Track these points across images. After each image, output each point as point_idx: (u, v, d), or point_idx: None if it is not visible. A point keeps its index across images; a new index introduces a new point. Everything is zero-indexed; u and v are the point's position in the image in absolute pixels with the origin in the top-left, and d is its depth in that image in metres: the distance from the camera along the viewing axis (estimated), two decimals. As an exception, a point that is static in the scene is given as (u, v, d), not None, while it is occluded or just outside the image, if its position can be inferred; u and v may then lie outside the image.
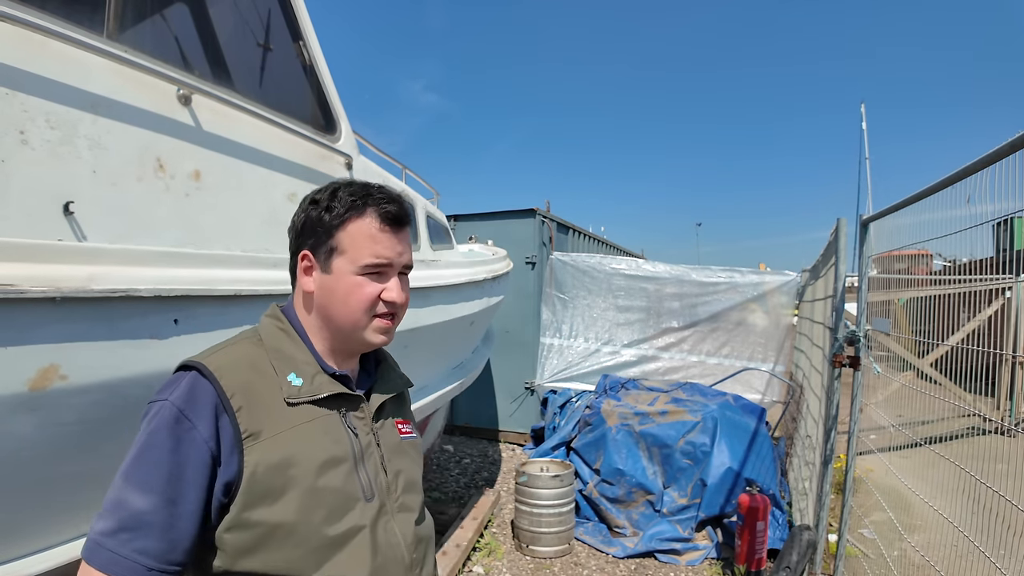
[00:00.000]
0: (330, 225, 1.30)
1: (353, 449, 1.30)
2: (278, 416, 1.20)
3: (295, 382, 1.26)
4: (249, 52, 2.70)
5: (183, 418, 1.11)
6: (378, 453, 1.36)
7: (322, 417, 1.27)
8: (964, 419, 3.01)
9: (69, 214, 1.74)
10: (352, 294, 1.30)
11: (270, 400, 1.21)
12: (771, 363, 8.59)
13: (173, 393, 1.14)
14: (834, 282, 4.29)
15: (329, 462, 1.23)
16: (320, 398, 1.27)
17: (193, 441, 1.10)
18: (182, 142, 2.13)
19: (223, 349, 1.25)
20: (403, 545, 1.34)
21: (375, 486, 1.32)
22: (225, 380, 1.16)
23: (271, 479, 1.15)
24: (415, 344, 3.75)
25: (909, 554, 3.24)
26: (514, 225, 8.97)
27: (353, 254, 1.29)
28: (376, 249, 1.30)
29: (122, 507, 1.05)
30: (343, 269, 1.30)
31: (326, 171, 2.93)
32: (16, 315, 1.48)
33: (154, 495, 1.06)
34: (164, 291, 1.81)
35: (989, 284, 3.80)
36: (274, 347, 1.29)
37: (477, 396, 9.00)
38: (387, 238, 1.32)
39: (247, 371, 1.21)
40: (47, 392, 1.57)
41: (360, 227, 1.30)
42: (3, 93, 1.60)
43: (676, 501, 5.72)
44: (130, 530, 1.04)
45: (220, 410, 1.14)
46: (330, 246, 1.30)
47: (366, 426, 1.36)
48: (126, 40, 2.01)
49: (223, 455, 1.13)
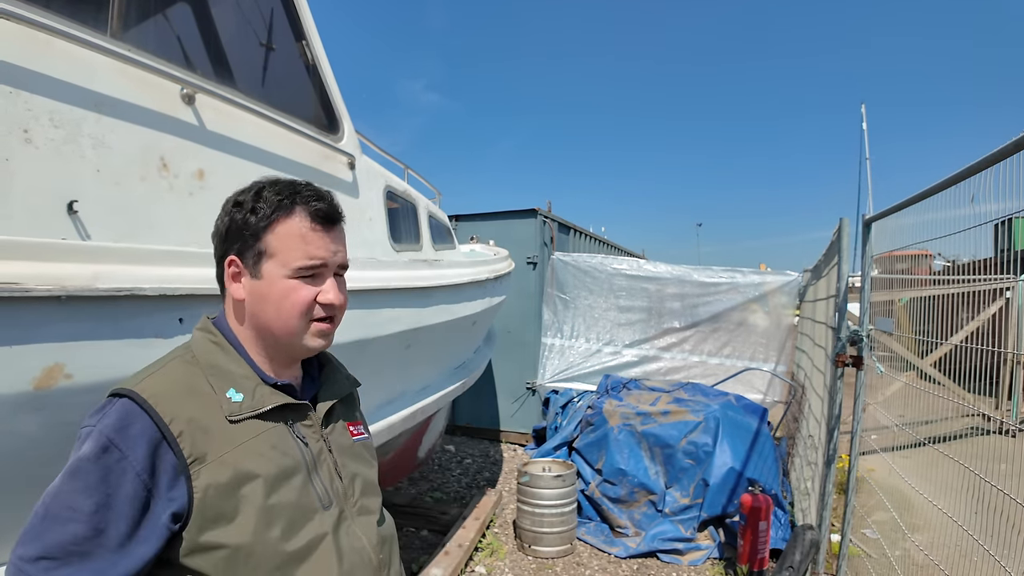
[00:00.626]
0: (256, 227, 1.24)
1: (304, 459, 1.26)
2: (222, 436, 1.16)
3: (235, 398, 1.21)
4: (252, 52, 2.70)
5: (112, 447, 1.05)
6: (331, 459, 1.33)
7: (268, 431, 1.22)
8: (965, 419, 3.02)
9: (73, 213, 1.74)
10: (286, 299, 1.24)
11: (211, 421, 1.16)
12: (772, 363, 8.59)
13: (103, 420, 1.08)
14: (836, 282, 4.28)
15: (280, 476, 1.19)
16: (264, 411, 1.23)
17: (123, 472, 1.05)
18: (185, 141, 2.14)
19: (156, 372, 1.19)
20: (368, 548, 1.33)
21: (331, 493, 1.29)
22: (161, 407, 1.11)
23: (222, 502, 1.11)
24: (418, 344, 3.75)
25: (912, 553, 3.24)
26: (515, 225, 8.97)
27: (284, 257, 1.23)
28: (308, 250, 1.25)
29: (46, 534, 1.01)
30: (274, 273, 1.24)
31: (329, 171, 2.93)
32: (21, 314, 1.47)
33: (79, 524, 1.01)
34: (168, 290, 1.81)
35: (989, 284, 3.81)
36: (209, 363, 1.23)
37: (478, 396, 8.99)
38: (319, 237, 1.27)
39: (184, 394, 1.16)
40: (52, 391, 1.56)
41: (289, 227, 1.24)
42: (7, 92, 1.60)
43: (678, 501, 5.71)
44: (53, 558, 1.00)
45: (158, 440, 1.09)
46: (258, 249, 1.24)
47: (315, 433, 1.32)
48: (130, 39, 2.01)
49: (161, 486, 1.08)
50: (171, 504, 1.08)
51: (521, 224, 8.96)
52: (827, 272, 5.24)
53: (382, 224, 3.53)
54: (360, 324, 2.92)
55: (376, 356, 3.17)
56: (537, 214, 8.85)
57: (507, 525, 6.05)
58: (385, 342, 3.25)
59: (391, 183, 3.87)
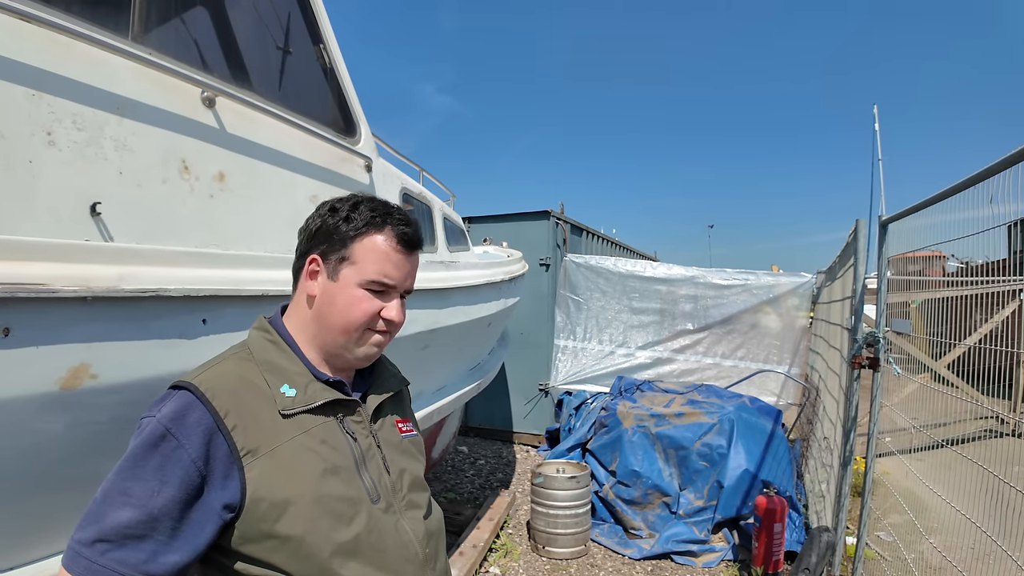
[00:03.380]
0: (346, 235, 1.33)
1: (353, 454, 1.31)
2: (274, 430, 1.21)
3: (288, 393, 1.26)
4: (270, 55, 2.72)
5: (170, 436, 1.10)
6: (379, 455, 1.38)
7: (319, 426, 1.27)
8: (980, 421, 2.99)
9: (96, 215, 1.75)
10: (353, 306, 1.32)
11: (265, 414, 1.21)
12: (786, 365, 8.56)
13: (162, 410, 1.14)
14: (852, 283, 4.26)
15: (330, 470, 1.24)
16: (315, 406, 1.28)
17: (179, 460, 1.10)
18: (206, 144, 2.14)
19: (213, 367, 1.25)
20: (415, 542, 1.36)
21: (379, 488, 1.33)
22: (217, 399, 1.16)
23: (273, 494, 1.16)
24: (435, 345, 3.76)
25: (927, 556, 3.22)
26: (528, 227, 8.98)
27: (363, 267, 1.32)
28: (386, 268, 1.34)
29: (103, 519, 1.05)
30: (349, 280, 1.32)
31: (347, 173, 2.94)
32: (48, 314, 1.49)
33: (135, 509, 1.05)
34: (193, 291, 1.82)
35: (1003, 286, 3.78)
36: (264, 360, 1.29)
37: (492, 397, 8.99)
38: (399, 259, 1.36)
39: (239, 387, 1.22)
40: (77, 391, 1.58)
41: (375, 242, 1.34)
42: (31, 94, 1.61)
43: (692, 503, 5.70)
44: (109, 541, 1.04)
45: (213, 430, 1.14)
46: (342, 255, 1.33)
47: (365, 429, 1.37)
48: (151, 43, 2.02)
49: (215, 475, 1.13)
50: (224, 493, 1.13)
51: (534, 226, 8.97)
52: (842, 274, 5.22)
53: (398, 226, 3.53)
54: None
55: (394, 356, 3.18)
56: (550, 216, 8.86)
57: (521, 526, 6.06)
58: (403, 343, 3.26)
59: (407, 185, 3.89)
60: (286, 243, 2.46)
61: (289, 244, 2.47)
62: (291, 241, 2.46)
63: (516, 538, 5.81)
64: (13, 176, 1.55)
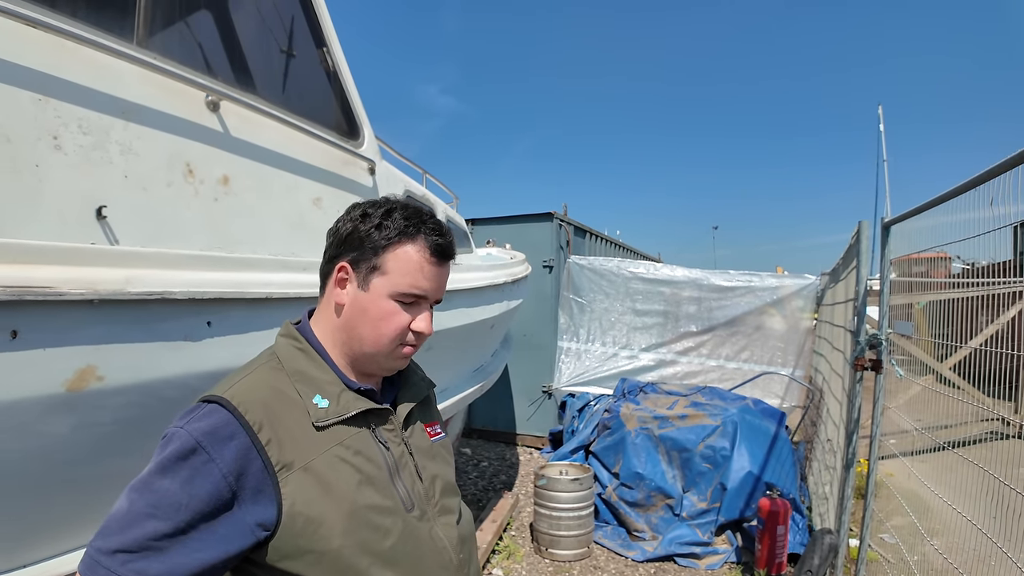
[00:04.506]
0: (378, 243, 1.28)
1: (387, 463, 1.28)
2: (308, 442, 1.18)
3: (321, 404, 1.23)
4: (274, 58, 2.73)
5: (201, 450, 1.07)
6: (412, 462, 1.35)
7: (353, 436, 1.24)
8: (984, 423, 2.99)
9: (102, 218, 1.77)
10: (384, 320, 1.28)
11: (298, 427, 1.19)
12: (790, 367, 8.55)
13: (193, 423, 1.10)
14: (855, 285, 4.26)
15: (365, 481, 1.22)
16: (348, 417, 1.25)
17: (209, 474, 1.07)
18: (211, 148, 2.16)
19: (244, 379, 1.21)
20: (449, 548, 1.34)
21: (413, 496, 1.31)
22: (250, 414, 1.13)
23: (310, 509, 1.13)
24: (438, 347, 3.77)
25: (930, 558, 3.22)
26: (532, 229, 8.99)
27: (395, 278, 1.27)
28: (418, 279, 1.29)
29: (126, 529, 1.02)
30: (380, 291, 1.28)
31: (350, 176, 2.95)
32: (54, 317, 1.50)
33: (160, 522, 1.03)
34: (198, 294, 1.84)
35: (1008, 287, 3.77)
36: (295, 369, 1.26)
37: (495, 399, 9.00)
38: (432, 271, 1.31)
39: (271, 400, 1.19)
40: (84, 393, 1.59)
41: (409, 253, 1.29)
42: (37, 99, 1.63)
43: (696, 505, 5.69)
44: (130, 552, 1.01)
45: (248, 446, 1.11)
46: (373, 264, 1.28)
47: (396, 437, 1.34)
48: (155, 47, 2.04)
49: (247, 491, 1.10)
50: (258, 509, 1.11)
51: (537, 228, 8.97)
52: (845, 275, 5.21)
53: (401, 228, 3.54)
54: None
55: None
56: (553, 218, 8.86)
57: (524, 528, 6.06)
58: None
59: (410, 187, 3.90)
60: (290, 246, 2.48)
61: (293, 247, 2.51)
62: (295, 243, 2.49)
63: (519, 540, 5.82)
64: (20, 180, 1.57)
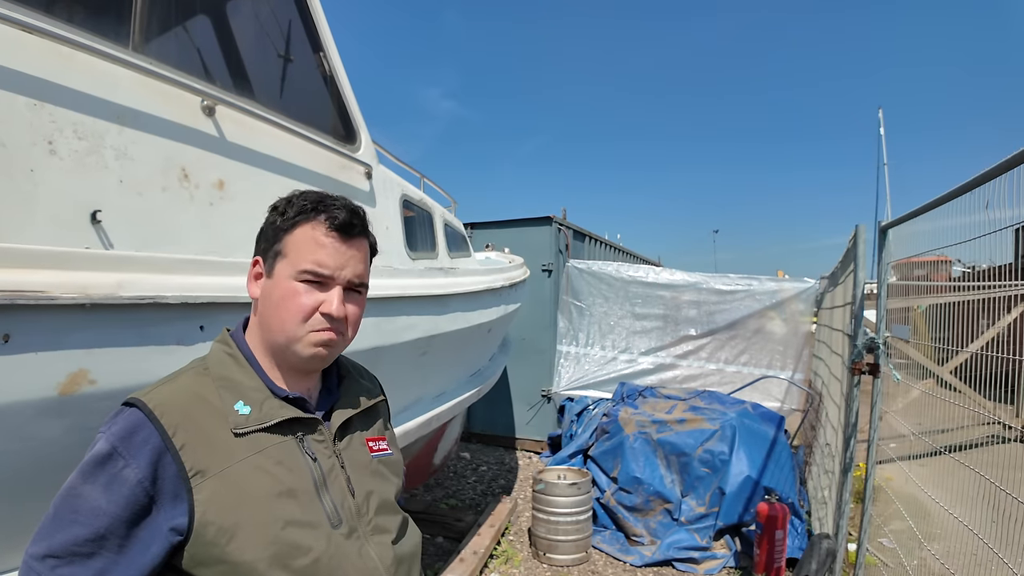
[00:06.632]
0: (279, 228, 1.26)
1: (313, 475, 1.24)
2: (225, 450, 1.15)
3: (242, 411, 1.20)
4: (271, 64, 2.74)
5: (116, 455, 1.07)
6: (343, 476, 1.30)
7: (275, 445, 1.21)
8: (984, 427, 2.98)
9: (96, 223, 1.77)
10: (287, 300, 1.23)
11: (216, 433, 1.16)
12: (790, 371, 8.54)
13: (111, 428, 1.10)
14: (853, 289, 4.26)
15: (285, 493, 1.18)
16: (271, 425, 1.21)
17: (126, 480, 1.06)
18: (206, 152, 2.17)
19: (168, 383, 1.20)
20: (381, 568, 1.28)
21: (342, 511, 1.26)
22: (167, 417, 1.11)
23: (223, 518, 1.11)
24: (433, 351, 3.77)
25: (929, 563, 3.21)
26: (531, 233, 8.99)
27: (294, 258, 1.24)
28: (318, 256, 1.24)
29: (53, 534, 1.04)
30: (283, 273, 1.24)
31: (347, 181, 2.96)
32: (47, 321, 1.51)
33: (81, 527, 1.03)
34: (190, 298, 1.84)
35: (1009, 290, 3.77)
36: (220, 375, 1.23)
37: (494, 404, 9.00)
38: (332, 245, 1.26)
39: (190, 404, 1.16)
40: (76, 396, 1.59)
41: (306, 231, 1.25)
42: (32, 104, 1.63)
43: (694, 510, 5.69)
44: (58, 557, 1.02)
45: (162, 450, 1.09)
46: (276, 250, 1.26)
47: (327, 449, 1.29)
48: (151, 52, 2.05)
49: (164, 495, 1.09)
50: (173, 514, 1.09)
51: (536, 232, 8.98)
52: (844, 279, 5.22)
53: (398, 233, 3.56)
54: (376, 331, 2.95)
55: (392, 363, 3.20)
56: (552, 221, 8.87)
57: (522, 532, 6.06)
58: (401, 349, 3.28)
59: (407, 192, 3.91)
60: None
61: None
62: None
63: (517, 544, 5.81)
64: (14, 184, 1.57)
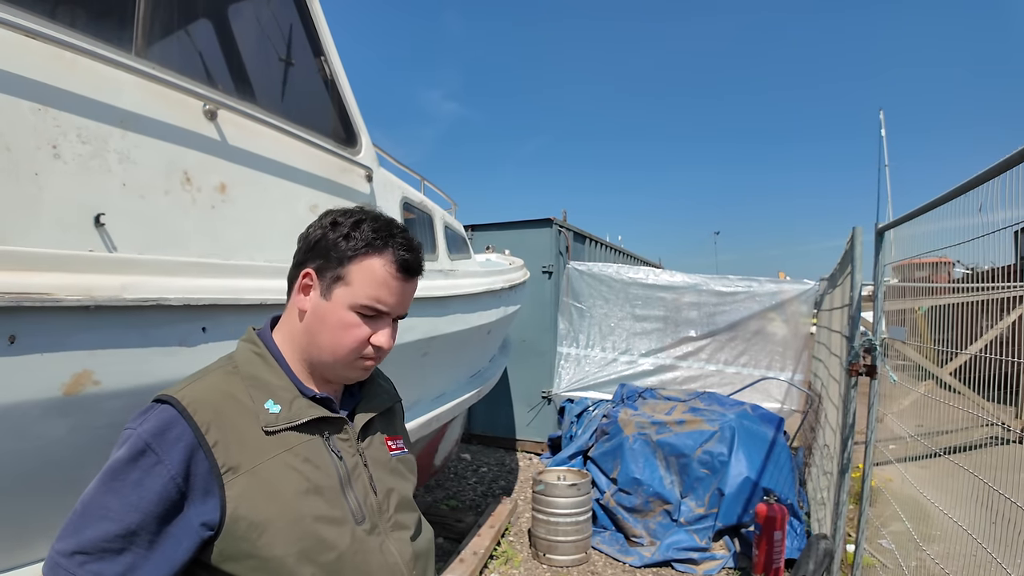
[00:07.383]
0: (344, 253, 1.28)
1: (339, 473, 1.27)
2: (256, 447, 1.18)
3: (272, 409, 1.23)
4: (272, 67, 2.76)
5: (149, 451, 1.08)
6: (366, 474, 1.34)
7: (303, 443, 1.24)
8: (985, 428, 2.99)
9: (100, 226, 1.80)
10: (344, 331, 1.28)
11: (247, 431, 1.19)
12: (789, 372, 8.55)
13: (143, 424, 1.12)
14: (850, 291, 4.28)
15: (312, 490, 1.21)
16: (300, 424, 1.24)
17: (158, 475, 1.08)
18: (208, 156, 2.19)
19: (198, 380, 1.22)
20: (401, 564, 1.33)
21: (365, 508, 1.30)
22: (199, 414, 1.14)
23: (254, 513, 1.13)
24: (434, 352, 3.79)
25: (927, 564, 3.22)
26: (531, 234, 9.01)
27: (357, 290, 1.27)
28: (381, 294, 1.29)
29: (82, 530, 1.04)
30: (341, 301, 1.28)
31: (347, 183, 2.98)
32: (52, 323, 1.53)
33: (112, 523, 1.04)
34: (193, 300, 1.86)
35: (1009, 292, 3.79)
36: (250, 374, 1.26)
37: (494, 405, 9.01)
38: (396, 286, 1.31)
39: (222, 403, 1.19)
40: (80, 397, 1.61)
41: (373, 266, 1.28)
42: (36, 109, 1.65)
43: (693, 511, 5.70)
44: (87, 553, 1.03)
45: (194, 447, 1.11)
46: (338, 273, 1.28)
47: (351, 447, 1.34)
48: (154, 57, 2.07)
49: (195, 492, 1.11)
50: (204, 510, 1.11)
51: (536, 233, 9.00)
52: (842, 281, 5.23)
53: (399, 234, 3.57)
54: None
55: (392, 364, 3.21)
56: (552, 223, 8.88)
57: (522, 533, 6.08)
58: (401, 350, 3.29)
59: (407, 194, 3.93)
60: (286, 253, 2.49)
61: (289, 254, 2.51)
62: (291, 251, 2.50)
63: (517, 545, 5.83)
64: (19, 188, 1.60)
